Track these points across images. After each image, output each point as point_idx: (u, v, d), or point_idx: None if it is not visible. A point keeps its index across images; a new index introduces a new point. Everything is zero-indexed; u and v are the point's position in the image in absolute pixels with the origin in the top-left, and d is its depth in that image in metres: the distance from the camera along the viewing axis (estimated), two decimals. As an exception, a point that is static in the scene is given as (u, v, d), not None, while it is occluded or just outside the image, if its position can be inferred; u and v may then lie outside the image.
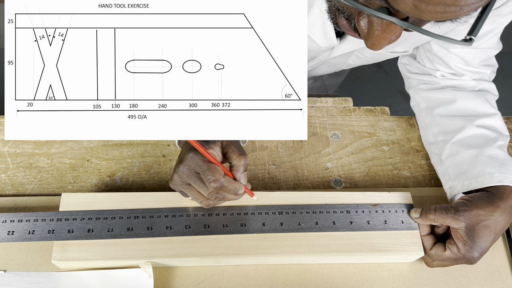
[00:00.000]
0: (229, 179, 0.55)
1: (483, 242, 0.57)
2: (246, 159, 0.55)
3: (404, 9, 0.37)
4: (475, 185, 0.62)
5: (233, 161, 0.55)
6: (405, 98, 0.81)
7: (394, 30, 0.41)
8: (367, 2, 0.40)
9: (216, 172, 0.53)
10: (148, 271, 0.56)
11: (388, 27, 0.41)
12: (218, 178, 0.53)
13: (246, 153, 0.56)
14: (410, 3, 0.36)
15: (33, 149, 0.69)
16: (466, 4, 0.35)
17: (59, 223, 0.56)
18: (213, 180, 0.52)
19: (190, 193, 0.56)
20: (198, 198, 0.56)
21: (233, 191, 0.55)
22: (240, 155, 0.55)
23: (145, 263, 0.56)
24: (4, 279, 0.56)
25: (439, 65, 0.73)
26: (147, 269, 0.56)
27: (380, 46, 0.43)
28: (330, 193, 0.63)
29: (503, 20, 0.65)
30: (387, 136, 0.77)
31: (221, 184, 0.53)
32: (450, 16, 0.36)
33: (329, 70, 0.92)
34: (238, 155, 0.55)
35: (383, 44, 0.43)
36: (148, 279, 0.56)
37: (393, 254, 0.59)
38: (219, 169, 0.53)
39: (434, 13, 0.36)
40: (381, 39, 0.42)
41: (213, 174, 0.52)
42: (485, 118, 0.68)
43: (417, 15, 0.37)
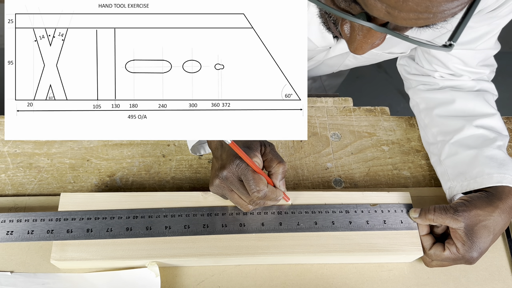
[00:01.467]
0: (271, 188, 0.56)
1: (482, 242, 0.57)
2: (284, 166, 0.56)
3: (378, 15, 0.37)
4: (474, 186, 0.62)
5: (273, 169, 0.56)
6: (405, 98, 0.81)
7: (374, 35, 0.42)
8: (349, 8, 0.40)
9: (261, 182, 0.53)
10: (155, 270, 0.56)
11: (369, 33, 0.42)
12: (263, 189, 0.54)
13: (284, 161, 0.57)
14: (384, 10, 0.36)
15: (33, 149, 0.69)
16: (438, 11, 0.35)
17: (58, 223, 0.56)
18: (257, 190, 0.53)
19: (231, 198, 0.57)
20: (238, 203, 0.57)
21: (274, 199, 0.57)
22: (279, 163, 0.56)
23: (150, 262, 0.56)
24: (10, 280, 0.56)
25: (437, 66, 0.73)
26: (154, 268, 0.56)
27: (362, 50, 0.44)
28: (329, 193, 0.63)
29: (500, 22, 0.65)
30: (387, 136, 0.77)
31: (265, 194, 0.54)
32: (424, 22, 0.37)
33: (327, 71, 0.92)
34: (277, 163, 0.56)
35: (366, 48, 0.43)
36: (155, 278, 0.56)
37: (392, 254, 0.59)
38: (263, 179, 0.54)
39: (408, 20, 0.36)
40: (363, 43, 0.43)
41: (258, 184, 0.53)
42: (484, 118, 0.68)
43: (392, 21, 0.38)
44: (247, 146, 0.56)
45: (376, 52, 0.76)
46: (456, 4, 0.35)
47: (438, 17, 0.36)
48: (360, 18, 0.38)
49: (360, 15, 0.39)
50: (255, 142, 0.57)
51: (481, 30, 0.66)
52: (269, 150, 0.57)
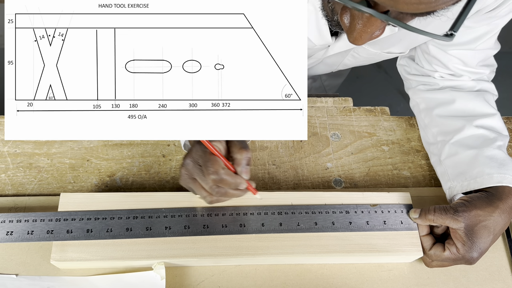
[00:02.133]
0: (229, 172, 0.53)
1: (482, 242, 0.57)
2: (248, 152, 0.54)
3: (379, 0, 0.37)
4: (474, 186, 0.62)
5: (235, 155, 0.54)
6: (405, 98, 0.81)
7: (375, 23, 0.42)
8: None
9: (216, 163, 0.52)
10: (161, 272, 0.56)
11: (369, 21, 0.41)
12: (217, 170, 0.52)
13: (250, 148, 0.55)
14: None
15: (33, 149, 0.69)
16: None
17: (58, 223, 0.56)
18: (212, 171, 0.52)
19: (195, 187, 0.55)
20: (201, 193, 0.55)
21: (234, 185, 0.54)
22: (242, 148, 0.54)
23: (158, 263, 0.56)
24: (16, 283, 0.56)
25: (437, 66, 0.73)
26: (160, 271, 0.56)
27: (361, 40, 0.44)
28: (329, 193, 0.63)
29: (500, 22, 0.65)
30: (387, 136, 0.77)
31: (220, 176, 0.52)
32: (426, 7, 0.37)
33: (326, 70, 0.92)
34: (239, 148, 0.54)
35: (365, 38, 0.43)
36: (160, 281, 0.56)
37: (392, 255, 0.59)
38: (219, 161, 0.53)
39: (409, 4, 0.36)
40: (363, 33, 0.43)
41: (212, 165, 0.52)
42: (484, 118, 0.68)
43: (393, 6, 0.37)
44: None
45: (375, 51, 0.76)
46: None
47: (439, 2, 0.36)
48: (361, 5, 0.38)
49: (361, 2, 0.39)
50: None
51: (480, 30, 0.66)
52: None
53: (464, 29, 0.66)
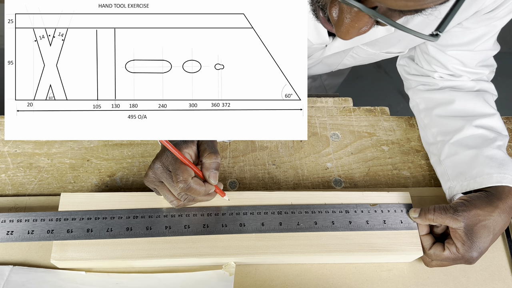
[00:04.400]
0: (198, 180, 0.54)
1: (482, 242, 0.57)
2: (216, 157, 0.55)
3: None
4: (474, 186, 0.62)
5: (203, 159, 0.55)
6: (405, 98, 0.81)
7: (363, 19, 0.42)
8: None
9: (186, 172, 0.53)
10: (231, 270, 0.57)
11: (357, 15, 0.42)
12: (186, 179, 0.53)
13: (219, 152, 0.56)
14: None
15: (33, 149, 0.69)
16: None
17: (58, 223, 0.56)
18: (181, 180, 0.52)
19: (162, 191, 0.56)
20: (168, 197, 0.56)
21: (202, 193, 0.55)
22: (210, 153, 0.55)
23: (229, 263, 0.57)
24: (86, 279, 0.57)
25: (436, 67, 0.73)
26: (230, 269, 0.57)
27: (349, 35, 0.44)
28: (329, 193, 0.63)
29: (498, 23, 0.65)
30: (387, 136, 0.77)
31: (189, 185, 0.53)
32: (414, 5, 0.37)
33: (325, 70, 0.92)
34: (208, 153, 0.55)
35: (352, 33, 0.43)
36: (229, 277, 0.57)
37: (392, 254, 0.59)
38: (189, 170, 0.53)
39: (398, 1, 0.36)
40: (350, 28, 0.43)
41: (182, 174, 0.52)
42: (484, 118, 0.68)
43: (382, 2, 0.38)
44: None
45: (374, 51, 0.76)
46: None
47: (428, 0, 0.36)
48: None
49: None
50: None
51: (479, 31, 0.66)
52: (205, 142, 0.55)
53: (463, 30, 0.66)
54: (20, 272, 0.56)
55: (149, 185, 0.57)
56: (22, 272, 0.56)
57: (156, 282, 0.57)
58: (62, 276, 0.57)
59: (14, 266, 0.57)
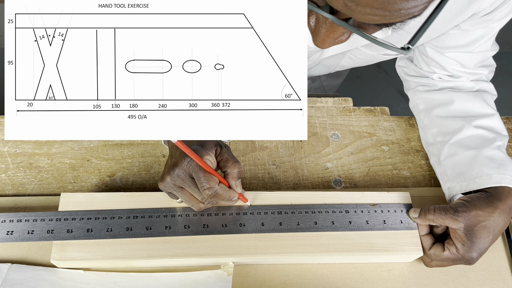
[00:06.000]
0: (224, 187, 0.55)
1: (482, 242, 0.57)
2: (240, 166, 0.56)
3: (337, 7, 0.37)
4: (473, 186, 0.62)
5: (228, 169, 0.56)
6: (405, 98, 0.81)
7: (337, 29, 0.42)
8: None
9: (212, 180, 0.53)
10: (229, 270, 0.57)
11: (331, 26, 0.42)
12: (213, 187, 0.53)
13: (240, 161, 0.57)
14: (341, 2, 0.36)
15: (33, 149, 0.69)
16: (394, 9, 0.35)
17: (58, 223, 0.56)
18: (207, 187, 0.53)
19: (182, 196, 0.56)
20: (190, 201, 0.56)
21: (227, 198, 0.56)
22: (234, 163, 0.56)
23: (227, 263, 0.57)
24: (84, 278, 0.57)
25: (435, 68, 0.73)
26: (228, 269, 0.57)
27: (325, 44, 0.44)
28: (329, 193, 0.63)
29: (496, 25, 0.65)
30: (387, 136, 0.77)
31: (216, 192, 0.54)
32: (381, 19, 0.37)
33: (324, 71, 0.92)
34: (232, 163, 0.56)
35: (328, 42, 0.44)
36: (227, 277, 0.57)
37: (392, 254, 0.59)
38: (215, 178, 0.54)
39: (364, 14, 0.36)
40: (326, 37, 0.43)
41: (208, 182, 0.53)
42: (483, 118, 0.68)
43: (350, 15, 0.38)
44: (201, 144, 0.55)
45: (371, 53, 0.76)
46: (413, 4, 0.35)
47: (394, 15, 0.36)
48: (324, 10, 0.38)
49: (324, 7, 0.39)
50: (210, 141, 0.56)
51: (477, 33, 0.66)
52: (225, 151, 0.57)
53: (461, 32, 0.67)
54: (18, 270, 0.56)
55: (164, 190, 0.56)
56: (20, 270, 0.56)
57: (154, 281, 0.57)
58: (60, 274, 0.57)
59: (13, 264, 0.57)
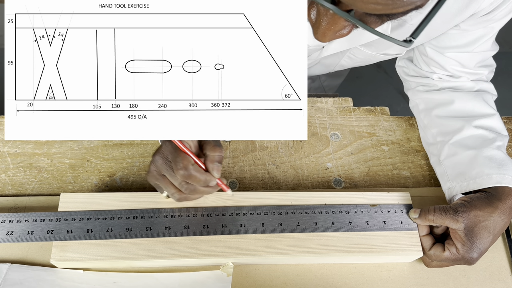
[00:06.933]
0: (198, 168, 0.54)
1: (482, 243, 0.57)
2: (221, 150, 0.55)
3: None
4: (473, 186, 0.62)
5: (207, 151, 0.55)
6: (405, 98, 0.81)
7: (338, 22, 0.42)
8: None
9: (185, 159, 0.53)
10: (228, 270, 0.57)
11: (333, 18, 0.42)
12: (186, 165, 0.52)
13: (223, 147, 0.56)
14: None
15: (33, 149, 0.69)
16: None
17: (58, 223, 0.56)
18: (181, 167, 0.52)
19: (163, 185, 0.55)
20: (170, 189, 0.55)
21: (203, 182, 0.54)
22: (215, 146, 0.55)
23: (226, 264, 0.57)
24: (83, 278, 0.57)
25: (435, 68, 0.73)
26: (228, 269, 0.57)
27: (325, 38, 0.44)
28: (329, 193, 0.63)
29: (495, 25, 0.65)
30: (387, 136, 0.77)
31: (190, 172, 0.52)
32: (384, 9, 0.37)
33: (323, 71, 0.92)
34: (212, 146, 0.55)
35: (328, 35, 0.44)
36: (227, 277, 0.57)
37: (392, 255, 0.59)
38: (189, 158, 0.53)
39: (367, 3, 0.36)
40: (327, 30, 0.43)
41: (182, 161, 0.52)
42: (483, 118, 0.68)
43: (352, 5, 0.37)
44: None
45: (371, 53, 0.76)
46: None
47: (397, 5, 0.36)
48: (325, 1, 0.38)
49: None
50: None
51: (476, 33, 0.66)
52: None
53: (461, 32, 0.67)
54: (18, 270, 0.56)
55: (151, 181, 0.56)
56: (20, 270, 0.56)
57: (154, 281, 0.57)
58: (60, 274, 0.57)
59: (12, 264, 0.57)
